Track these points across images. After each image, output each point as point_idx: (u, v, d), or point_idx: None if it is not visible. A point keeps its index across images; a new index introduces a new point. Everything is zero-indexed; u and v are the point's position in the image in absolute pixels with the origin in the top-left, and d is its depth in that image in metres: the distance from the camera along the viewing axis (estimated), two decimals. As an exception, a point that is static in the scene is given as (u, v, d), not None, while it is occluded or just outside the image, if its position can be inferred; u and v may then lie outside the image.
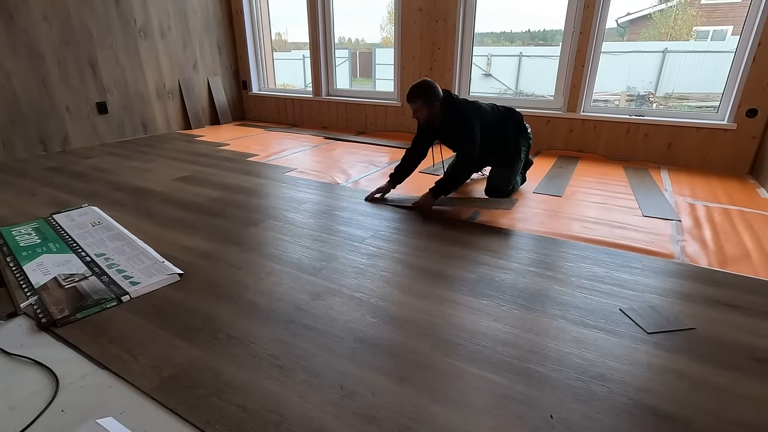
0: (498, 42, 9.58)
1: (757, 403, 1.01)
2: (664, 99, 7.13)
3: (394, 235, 1.93)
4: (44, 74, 3.35)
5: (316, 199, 2.40)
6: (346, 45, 10.93)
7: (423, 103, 2.16)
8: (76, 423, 0.96)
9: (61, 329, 1.27)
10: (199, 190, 2.54)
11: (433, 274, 1.59)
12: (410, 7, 3.69)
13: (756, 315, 1.35)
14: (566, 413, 0.98)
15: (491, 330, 1.27)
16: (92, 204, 2.30)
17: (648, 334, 1.25)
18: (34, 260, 1.67)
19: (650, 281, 1.54)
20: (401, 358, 1.15)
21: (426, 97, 2.15)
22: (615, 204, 2.31)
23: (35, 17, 3.23)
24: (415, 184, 2.64)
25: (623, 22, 10.56)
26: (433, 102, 2.16)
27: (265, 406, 0.99)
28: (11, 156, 3.27)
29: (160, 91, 4.21)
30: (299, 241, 1.87)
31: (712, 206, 2.28)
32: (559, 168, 3.00)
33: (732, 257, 1.73)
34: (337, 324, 1.30)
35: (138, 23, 3.89)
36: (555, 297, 1.44)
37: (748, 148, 2.84)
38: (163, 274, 1.57)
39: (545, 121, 3.44)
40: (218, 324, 1.30)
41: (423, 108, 2.17)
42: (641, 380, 1.08)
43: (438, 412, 0.98)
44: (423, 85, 2.16)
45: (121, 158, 3.30)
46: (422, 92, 2.15)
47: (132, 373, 1.10)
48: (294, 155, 3.42)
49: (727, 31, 9.30)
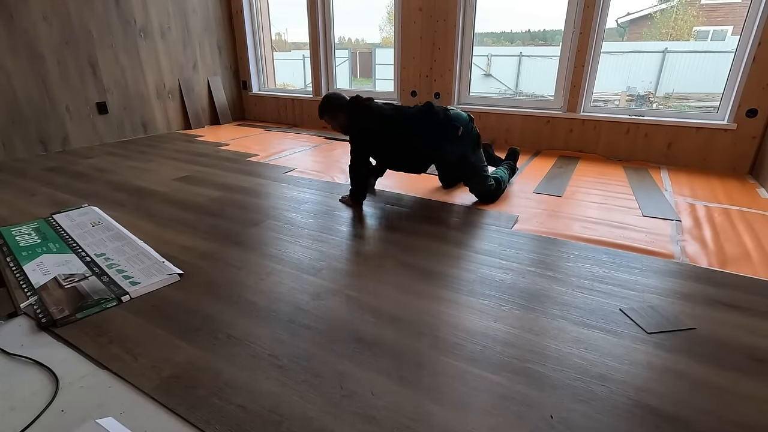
0: (498, 42, 9.58)
1: (757, 403, 1.01)
2: (664, 99, 7.13)
3: (394, 235, 1.93)
4: (44, 74, 3.35)
5: (316, 199, 2.40)
6: (346, 45, 10.94)
7: (329, 117, 2.29)
8: (76, 423, 0.96)
9: (61, 329, 1.27)
10: (199, 190, 2.54)
11: (433, 274, 1.59)
12: (410, 7, 3.69)
13: (756, 315, 1.35)
14: (566, 413, 0.98)
15: (491, 330, 1.27)
16: (92, 204, 2.30)
17: (648, 334, 1.25)
18: (34, 260, 1.67)
19: (650, 281, 1.54)
20: (401, 358, 1.15)
21: (329, 111, 2.28)
22: (615, 204, 2.31)
23: (35, 17, 3.23)
24: (414, 183, 2.64)
25: (623, 22, 10.56)
26: (336, 114, 2.27)
27: (265, 406, 0.99)
28: (11, 156, 3.27)
29: (160, 91, 4.21)
30: (299, 241, 1.87)
31: (712, 206, 2.28)
32: (559, 168, 3.00)
33: (732, 257, 1.73)
34: (337, 324, 1.30)
35: (138, 23, 3.89)
36: (555, 297, 1.44)
37: (748, 148, 2.84)
38: (163, 274, 1.57)
39: (545, 121, 3.44)
40: (218, 324, 1.30)
41: (331, 121, 2.31)
42: (641, 380, 1.08)
43: (438, 412, 0.98)
44: (324, 100, 2.29)
45: (121, 158, 3.30)
46: (324, 107, 2.29)
47: (132, 373, 1.10)
48: (294, 155, 3.42)
49: (727, 31, 9.30)
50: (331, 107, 2.27)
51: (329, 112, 2.28)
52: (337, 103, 2.26)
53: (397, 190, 2.56)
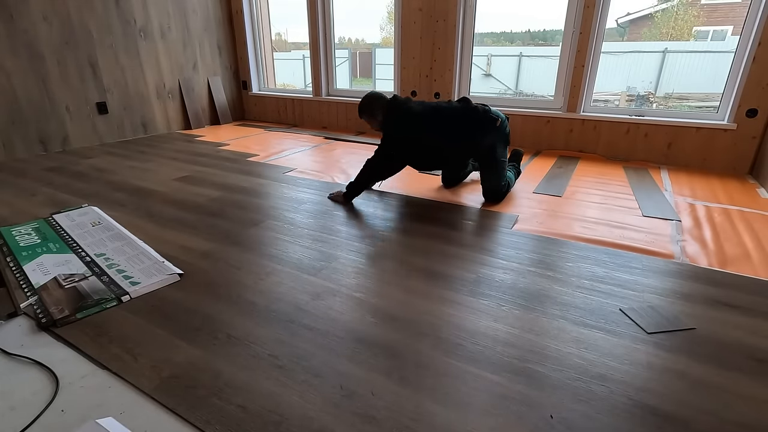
0: (498, 42, 9.58)
1: (757, 403, 1.01)
2: (664, 99, 7.13)
3: (394, 235, 1.93)
4: (44, 74, 3.35)
5: (316, 199, 2.40)
6: (346, 45, 10.94)
7: (368, 117, 2.32)
8: (76, 423, 0.96)
9: (61, 329, 1.27)
10: (199, 190, 2.54)
11: (433, 274, 1.59)
12: (410, 8, 3.69)
13: (756, 315, 1.35)
14: (566, 413, 0.98)
15: (491, 330, 1.27)
16: (92, 204, 2.30)
17: (648, 334, 1.25)
18: (34, 260, 1.67)
19: (650, 281, 1.54)
20: (401, 358, 1.15)
21: (367, 110, 2.30)
22: (615, 204, 2.31)
23: (35, 17, 3.23)
24: (414, 183, 2.64)
25: (623, 22, 10.56)
26: (375, 114, 2.29)
27: (265, 406, 0.99)
28: (11, 156, 3.27)
29: (160, 91, 4.21)
30: (299, 241, 1.87)
31: (712, 206, 2.28)
32: (559, 168, 3.00)
33: (732, 257, 1.73)
34: (337, 324, 1.30)
35: (138, 23, 3.89)
36: (555, 297, 1.44)
37: (748, 148, 2.84)
38: (163, 274, 1.57)
39: (545, 121, 3.44)
40: (218, 324, 1.30)
41: (369, 121, 2.33)
42: (641, 380, 1.08)
43: (438, 412, 0.98)
44: (364, 100, 2.31)
45: (121, 158, 3.30)
46: (363, 107, 2.31)
47: (132, 373, 1.10)
48: (294, 155, 3.42)
49: (727, 31, 9.31)
50: (370, 107, 2.28)
51: (368, 111, 2.30)
52: (377, 104, 2.26)
53: (397, 190, 2.56)
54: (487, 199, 2.36)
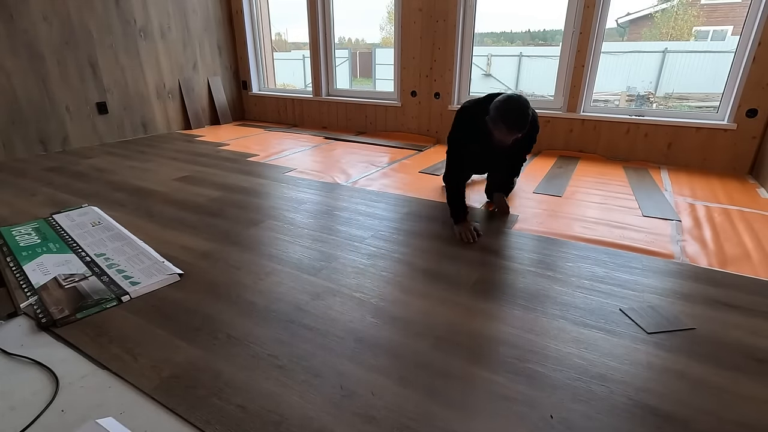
0: (498, 42, 9.59)
1: (757, 403, 1.01)
2: (664, 99, 7.14)
3: (394, 235, 1.93)
4: (44, 74, 3.35)
5: (316, 199, 2.40)
6: (346, 45, 10.95)
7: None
8: (76, 423, 0.96)
9: (61, 329, 1.27)
10: (199, 190, 2.54)
11: (433, 274, 1.59)
12: (410, 8, 3.69)
13: (756, 315, 1.35)
14: (566, 413, 0.98)
15: (491, 330, 1.27)
16: (92, 204, 2.30)
17: (648, 334, 1.25)
18: (34, 260, 1.67)
19: (650, 281, 1.54)
20: (401, 358, 1.15)
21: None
22: (615, 204, 2.31)
23: (35, 17, 3.23)
24: (414, 183, 2.64)
25: (623, 22, 10.57)
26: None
27: (265, 406, 0.99)
28: (11, 156, 3.27)
29: (160, 91, 4.21)
30: (299, 241, 1.87)
31: (712, 206, 2.28)
32: (559, 168, 3.00)
33: (732, 257, 1.73)
34: (337, 324, 1.30)
35: (138, 23, 3.89)
36: (555, 297, 1.44)
37: (748, 148, 2.84)
38: (163, 274, 1.57)
39: (545, 121, 3.44)
40: (218, 324, 1.30)
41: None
42: (641, 380, 1.08)
43: (438, 412, 0.98)
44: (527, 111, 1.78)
45: (121, 158, 3.30)
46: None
47: (132, 373, 1.10)
48: (294, 155, 3.42)
49: (727, 31, 9.31)
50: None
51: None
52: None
53: (397, 190, 2.56)
54: (511, 178, 2.33)
